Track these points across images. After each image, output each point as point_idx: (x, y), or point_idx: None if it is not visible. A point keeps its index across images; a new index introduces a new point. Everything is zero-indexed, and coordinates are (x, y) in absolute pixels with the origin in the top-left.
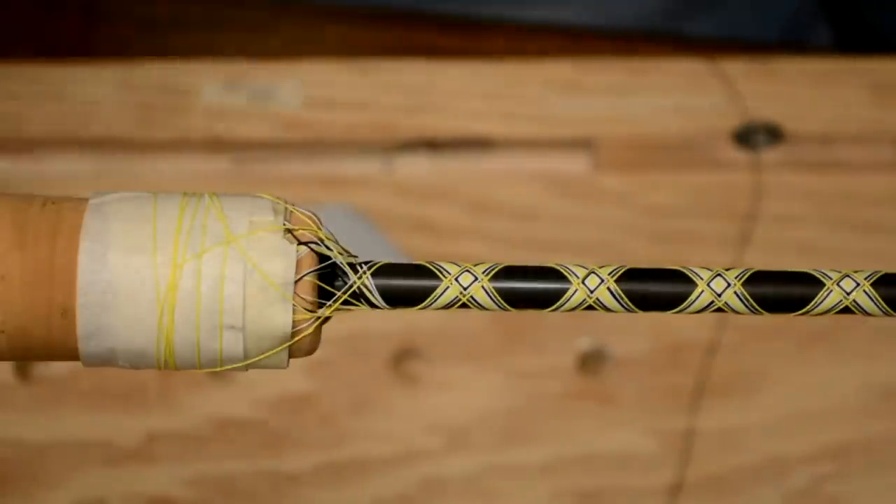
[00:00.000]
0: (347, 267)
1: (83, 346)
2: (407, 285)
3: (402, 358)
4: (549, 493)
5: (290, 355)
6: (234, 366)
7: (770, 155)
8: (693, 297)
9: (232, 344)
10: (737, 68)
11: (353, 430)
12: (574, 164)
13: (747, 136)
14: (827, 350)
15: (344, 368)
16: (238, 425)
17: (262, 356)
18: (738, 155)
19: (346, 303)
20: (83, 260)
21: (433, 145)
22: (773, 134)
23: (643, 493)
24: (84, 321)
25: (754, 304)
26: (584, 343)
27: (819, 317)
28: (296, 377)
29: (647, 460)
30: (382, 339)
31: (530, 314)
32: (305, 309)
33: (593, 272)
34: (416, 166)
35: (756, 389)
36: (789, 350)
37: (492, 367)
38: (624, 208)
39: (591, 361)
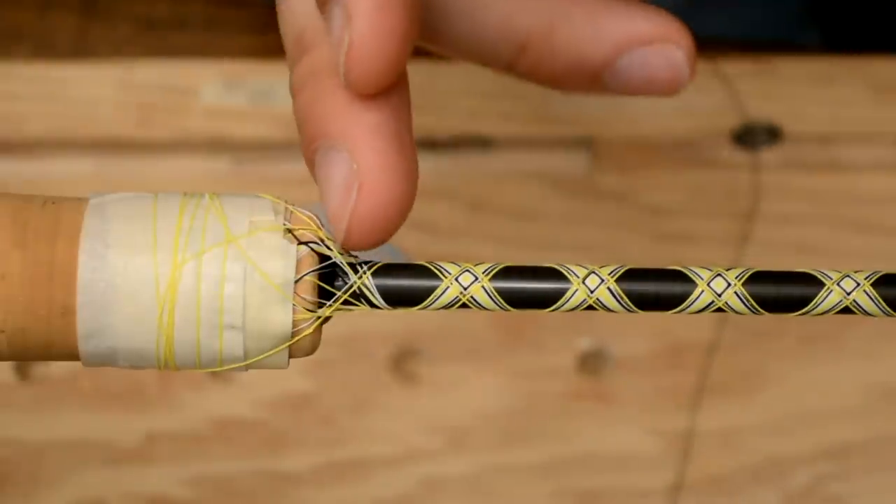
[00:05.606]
0: (348, 267)
1: (83, 346)
2: (407, 285)
3: (402, 358)
4: (549, 493)
5: (291, 355)
6: (235, 366)
7: (770, 155)
8: (693, 296)
9: (232, 344)
10: (737, 68)
11: (353, 430)
12: (573, 164)
13: (747, 136)
14: (827, 350)
15: (344, 368)
16: (238, 425)
17: (262, 356)
18: (738, 155)
19: (346, 303)
20: (83, 259)
21: (433, 145)
22: (773, 134)
23: (643, 493)
24: (84, 321)
25: (754, 304)
26: (584, 343)
27: (819, 317)
28: (296, 377)
29: (647, 460)
30: (382, 340)
31: (530, 314)
32: (306, 309)
33: (593, 272)
34: None
35: (756, 389)
36: (789, 350)
37: (492, 367)
38: (624, 208)
39: (591, 361)
